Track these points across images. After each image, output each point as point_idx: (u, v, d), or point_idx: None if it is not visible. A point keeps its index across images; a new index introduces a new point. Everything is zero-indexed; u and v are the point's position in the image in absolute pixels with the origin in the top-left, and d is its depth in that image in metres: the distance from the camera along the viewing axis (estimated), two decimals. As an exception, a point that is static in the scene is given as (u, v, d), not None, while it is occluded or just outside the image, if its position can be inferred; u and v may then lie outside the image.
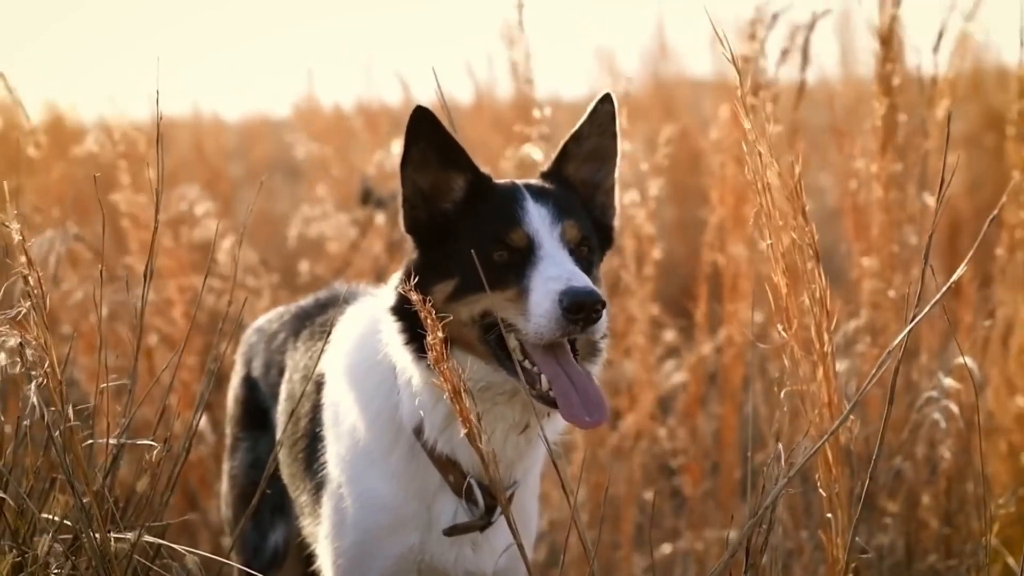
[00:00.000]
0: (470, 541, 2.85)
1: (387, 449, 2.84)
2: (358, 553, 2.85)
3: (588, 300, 2.50)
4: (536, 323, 2.53)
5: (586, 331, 2.54)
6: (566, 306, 2.49)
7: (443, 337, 2.40)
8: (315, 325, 3.29)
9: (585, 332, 2.54)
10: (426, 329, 2.65)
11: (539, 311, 2.52)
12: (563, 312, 2.49)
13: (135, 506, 2.78)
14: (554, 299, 2.51)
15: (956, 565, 3.92)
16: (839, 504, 2.68)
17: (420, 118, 2.67)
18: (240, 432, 3.55)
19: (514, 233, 2.65)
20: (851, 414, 2.60)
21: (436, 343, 2.39)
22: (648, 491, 4.79)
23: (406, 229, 2.79)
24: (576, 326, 2.51)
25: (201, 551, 2.67)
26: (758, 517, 2.52)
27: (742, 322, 4.61)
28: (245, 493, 3.46)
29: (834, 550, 2.70)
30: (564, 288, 2.51)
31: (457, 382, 2.41)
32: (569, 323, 2.50)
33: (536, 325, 2.53)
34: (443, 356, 2.39)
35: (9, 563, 2.55)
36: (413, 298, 2.41)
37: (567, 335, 2.55)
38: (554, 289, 2.52)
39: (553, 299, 2.51)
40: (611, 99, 2.89)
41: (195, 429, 2.86)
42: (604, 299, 2.54)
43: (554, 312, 2.50)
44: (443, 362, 2.40)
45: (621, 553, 4.57)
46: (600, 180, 2.94)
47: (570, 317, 2.50)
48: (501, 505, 2.48)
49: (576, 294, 2.50)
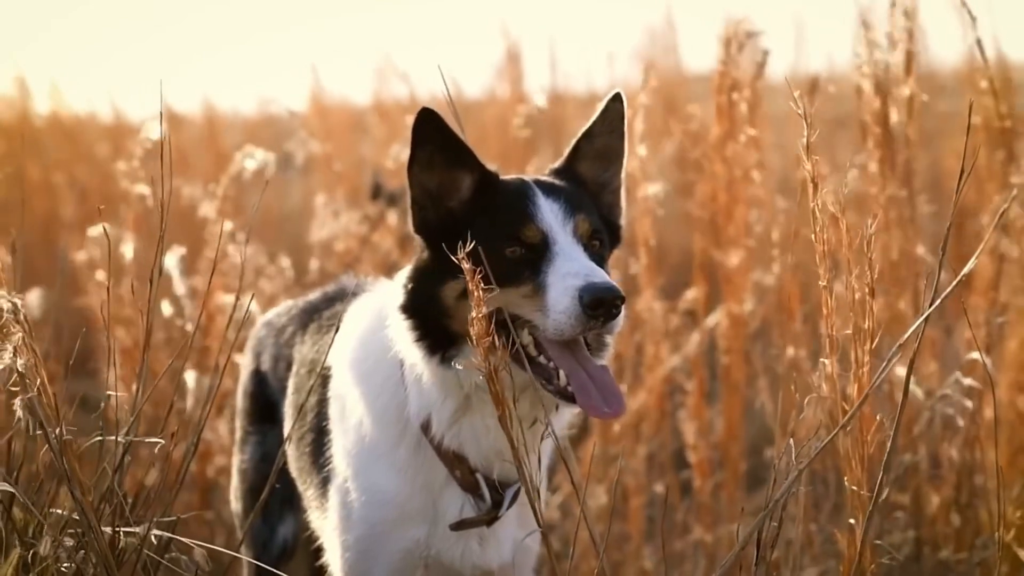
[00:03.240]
0: (477, 535, 2.85)
1: (394, 443, 2.84)
2: (365, 547, 2.85)
3: (608, 296, 2.49)
4: (556, 320, 2.51)
5: (606, 327, 2.53)
6: (587, 302, 2.48)
7: (486, 314, 2.39)
8: (322, 319, 3.29)
9: (604, 328, 2.53)
10: (438, 327, 2.66)
11: (559, 307, 2.51)
12: (583, 308, 2.48)
13: (144, 501, 2.79)
14: (574, 295, 2.49)
15: (966, 559, 3.91)
16: (860, 504, 2.67)
17: (425, 119, 2.66)
18: (249, 426, 3.56)
19: (528, 229, 2.64)
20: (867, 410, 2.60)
21: (479, 318, 2.37)
22: (657, 484, 4.80)
23: (415, 230, 2.79)
24: (596, 322, 2.50)
25: (214, 546, 2.68)
26: (768, 510, 2.51)
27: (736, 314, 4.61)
28: (255, 487, 3.47)
29: (853, 549, 2.69)
30: (584, 284, 2.50)
31: (497, 361, 2.40)
32: (589, 319, 2.49)
33: (556, 322, 2.51)
34: (486, 332, 2.38)
35: (18, 558, 2.55)
36: (465, 267, 2.38)
37: (586, 331, 2.54)
38: (573, 285, 2.51)
39: (573, 295, 2.49)
40: (621, 98, 2.88)
41: (203, 424, 2.86)
42: (623, 294, 2.53)
43: (574, 308, 2.49)
44: (485, 338, 2.38)
45: (631, 546, 4.56)
46: (608, 179, 2.94)
47: (591, 313, 2.48)
48: (524, 486, 2.46)
49: (596, 290, 2.49)
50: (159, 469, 2.76)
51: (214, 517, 4.73)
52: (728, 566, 2.53)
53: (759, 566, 2.55)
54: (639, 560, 4.56)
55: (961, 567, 3.90)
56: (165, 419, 2.92)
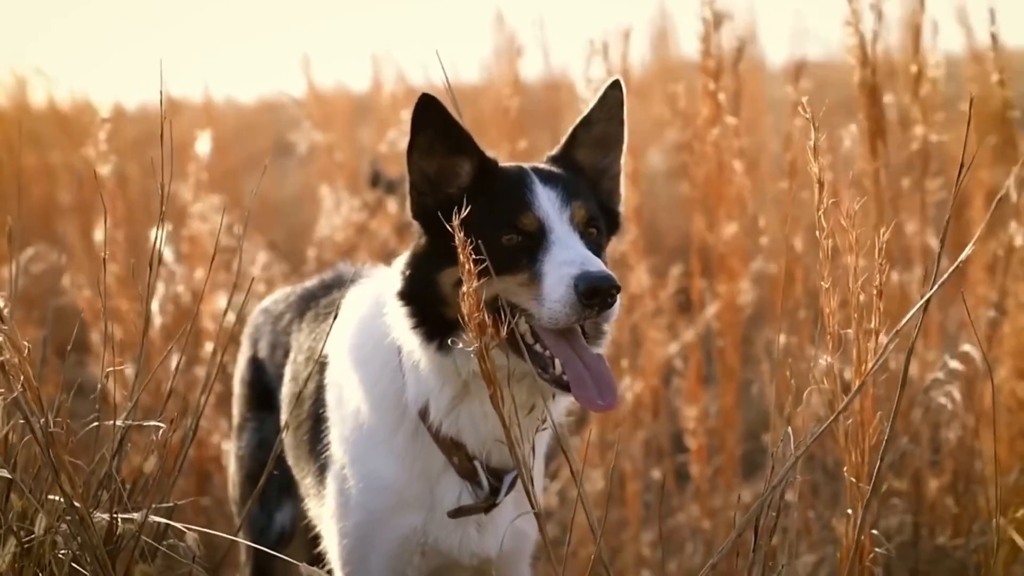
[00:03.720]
0: (475, 523, 2.86)
1: (391, 430, 2.84)
2: (362, 534, 2.86)
3: (604, 285, 2.48)
4: (551, 308, 2.51)
5: (601, 315, 2.52)
6: (582, 291, 2.47)
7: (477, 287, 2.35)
8: (320, 306, 3.29)
9: (600, 316, 2.53)
10: (435, 314, 2.66)
11: (554, 296, 2.51)
12: (579, 297, 2.48)
13: (142, 487, 2.79)
14: (569, 284, 2.49)
15: (964, 544, 3.92)
16: (858, 493, 2.67)
17: (425, 105, 2.65)
18: (247, 413, 3.57)
19: (524, 217, 2.63)
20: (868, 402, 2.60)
21: (470, 292, 2.35)
22: (654, 470, 4.80)
23: (413, 215, 2.78)
24: (592, 310, 2.50)
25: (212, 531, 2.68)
26: (766, 497, 2.51)
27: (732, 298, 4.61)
28: (252, 474, 3.48)
29: (849, 538, 2.70)
30: (579, 273, 2.49)
31: (488, 340, 2.38)
32: (584, 308, 2.49)
33: (551, 310, 2.51)
34: (477, 307, 2.36)
35: (15, 544, 2.55)
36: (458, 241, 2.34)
37: (582, 320, 2.53)
38: (568, 274, 2.50)
39: (568, 284, 2.49)
40: (620, 85, 2.87)
41: (201, 410, 2.86)
42: (619, 283, 2.52)
43: (569, 297, 2.48)
44: (477, 314, 2.36)
45: (629, 532, 4.57)
46: (607, 166, 2.93)
47: (586, 302, 2.48)
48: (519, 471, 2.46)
49: (591, 279, 2.48)
50: (157, 455, 2.75)
51: (211, 503, 4.75)
52: (726, 553, 2.53)
53: (757, 552, 2.55)
54: (637, 546, 4.57)
55: (959, 552, 3.91)
56: (164, 405, 2.92)
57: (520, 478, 2.49)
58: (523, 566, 3.02)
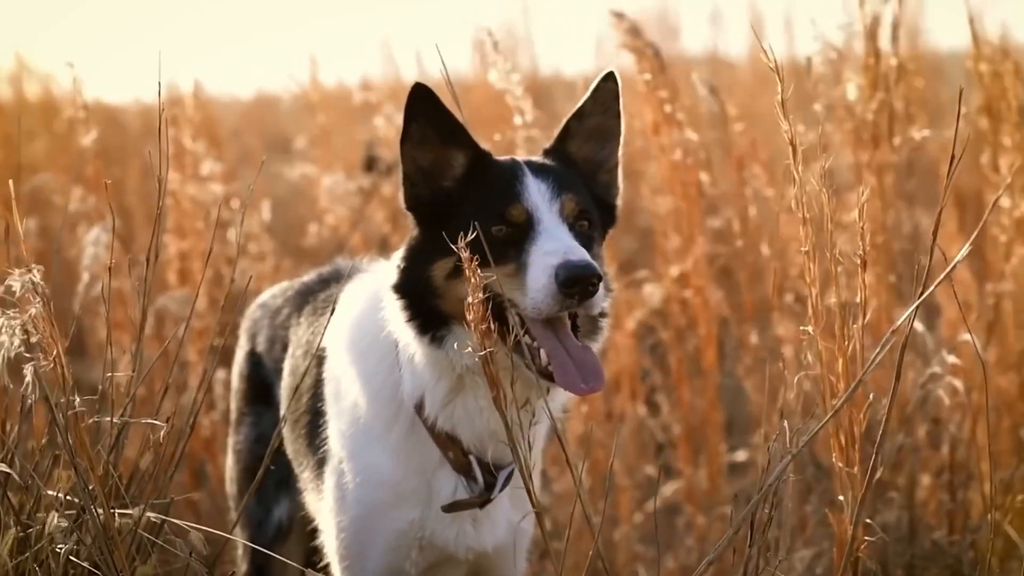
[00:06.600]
0: (470, 517, 2.86)
1: (388, 425, 2.84)
2: (359, 528, 2.86)
3: (584, 273, 2.49)
4: (534, 298, 2.52)
5: (583, 304, 2.53)
6: (562, 280, 2.48)
7: (484, 298, 2.40)
8: (318, 301, 3.29)
9: (582, 306, 2.54)
10: (428, 307, 2.67)
11: (536, 286, 2.52)
12: (559, 286, 2.49)
13: (139, 482, 2.79)
14: (550, 273, 2.50)
15: (959, 540, 3.93)
16: (851, 484, 2.68)
17: (420, 95, 2.66)
18: (245, 407, 3.56)
19: (513, 208, 2.64)
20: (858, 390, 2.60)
21: (476, 303, 2.38)
22: (644, 467, 4.81)
23: (407, 207, 2.79)
24: (573, 300, 2.51)
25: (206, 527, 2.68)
26: (763, 494, 2.52)
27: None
28: (250, 468, 3.46)
29: (843, 530, 2.70)
30: (560, 262, 2.50)
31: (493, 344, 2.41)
32: (566, 297, 2.50)
33: (534, 300, 2.52)
34: (483, 317, 2.39)
35: (13, 538, 2.56)
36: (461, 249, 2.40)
37: (565, 309, 2.55)
38: (550, 263, 2.51)
39: (549, 273, 2.50)
40: (614, 77, 2.87)
41: (199, 406, 2.86)
42: (600, 272, 2.53)
43: (550, 287, 2.50)
44: (483, 323, 2.39)
45: (621, 530, 4.58)
46: (603, 159, 2.93)
47: (566, 291, 2.49)
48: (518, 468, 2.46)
49: (572, 267, 2.49)
50: (153, 451, 2.76)
51: (207, 498, 4.74)
52: (721, 550, 2.53)
53: (752, 548, 2.56)
54: (630, 544, 4.57)
55: (953, 548, 3.92)
56: (160, 400, 2.93)
57: (520, 475, 2.50)
58: (519, 561, 3.02)
